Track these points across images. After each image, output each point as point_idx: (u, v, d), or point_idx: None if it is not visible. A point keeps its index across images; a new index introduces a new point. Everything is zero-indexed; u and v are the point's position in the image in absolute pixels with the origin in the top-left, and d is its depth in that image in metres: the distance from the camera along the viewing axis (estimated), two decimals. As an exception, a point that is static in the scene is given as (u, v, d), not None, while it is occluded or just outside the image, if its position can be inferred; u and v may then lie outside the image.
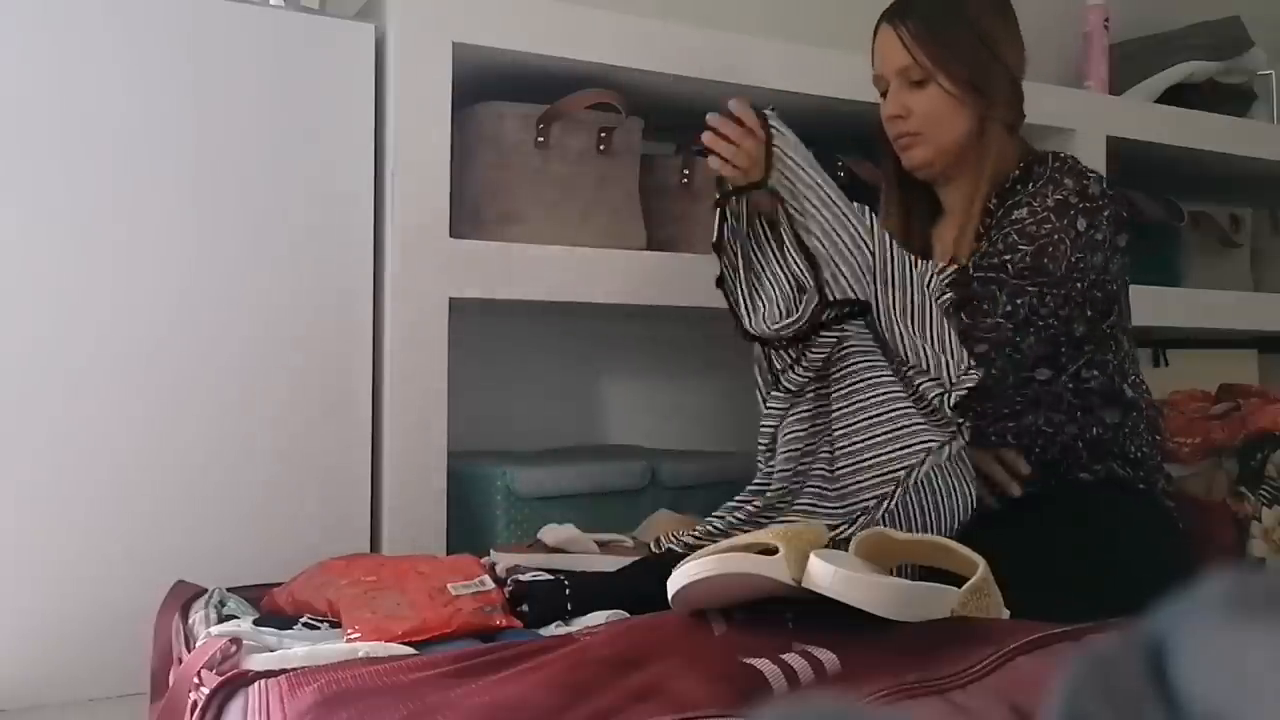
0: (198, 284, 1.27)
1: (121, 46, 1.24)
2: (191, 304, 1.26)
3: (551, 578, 1.10)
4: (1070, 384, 1.34)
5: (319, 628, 1.03)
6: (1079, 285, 1.28)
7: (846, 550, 1.02)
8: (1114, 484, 1.32)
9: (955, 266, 1.33)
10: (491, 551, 1.24)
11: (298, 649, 0.92)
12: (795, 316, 1.21)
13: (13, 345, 1.18)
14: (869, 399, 1.18)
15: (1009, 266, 1.26)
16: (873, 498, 1.15)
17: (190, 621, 1.05)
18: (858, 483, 1.17)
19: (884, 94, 1.39)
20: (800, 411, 1.24)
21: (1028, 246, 1.27)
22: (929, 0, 1.36)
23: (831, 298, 1.19)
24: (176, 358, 1.25)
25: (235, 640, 0.91)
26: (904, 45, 1.34)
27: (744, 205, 1.31)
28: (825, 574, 0.89)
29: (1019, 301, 1.25)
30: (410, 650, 0.93)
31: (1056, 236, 1.27)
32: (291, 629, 1.01)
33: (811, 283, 1.20)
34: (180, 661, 0.97)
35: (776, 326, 1.22)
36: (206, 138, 1.28)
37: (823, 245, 1.19)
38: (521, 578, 1.10)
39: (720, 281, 1.33)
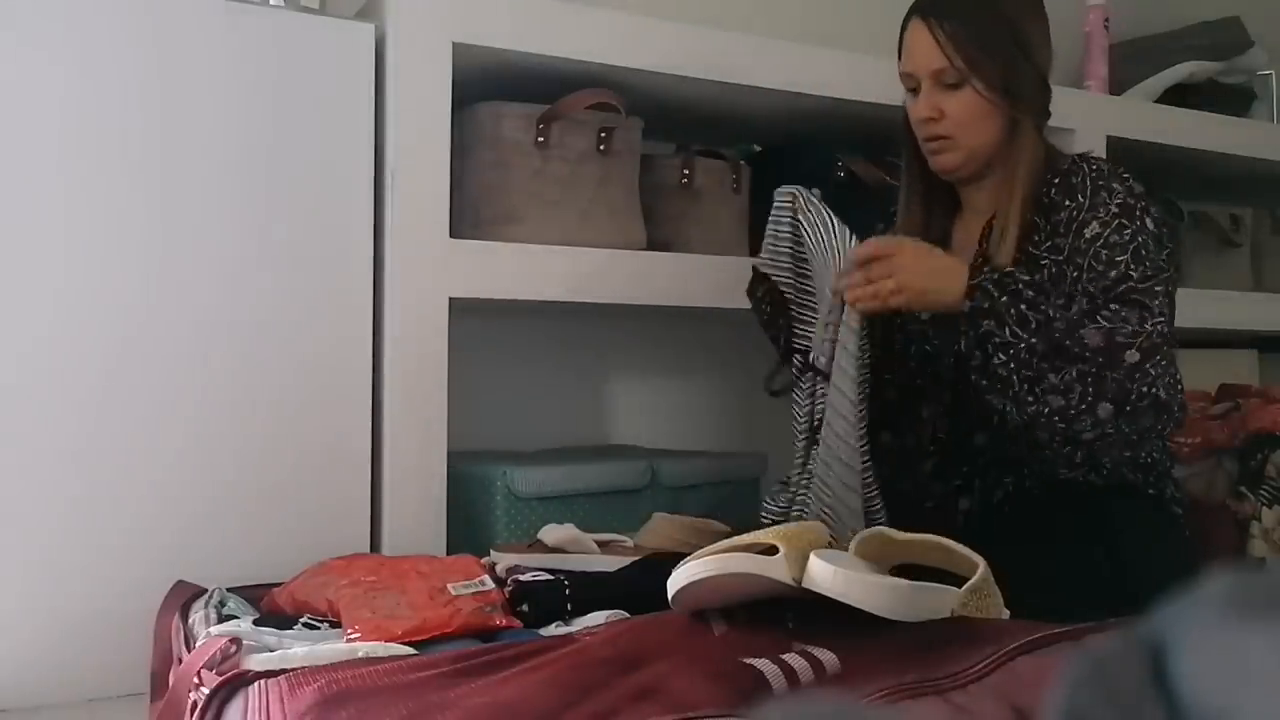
0: (197, 283, 1.27)
1: (121, 46, 1.24)
2: (191, 303, 1.26)
3: (551, 578, 1.10)
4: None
5: (319, 628, 1.03)
6: (1172, 285, 1.27)
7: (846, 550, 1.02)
8: (1123, 488, 1.31)
9: (985, 265, 1.32)
10: (491, 551, 1.25)
11: (298, 649, 0.92)
12: None
13: (12, 345, 1.18)
14: None
15: (1128, 280, 1.21)
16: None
17: (190, 621, 1.05)
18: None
19: (912, 90, 1.35)
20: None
21: (1124, 256, 1.23)
22: (965, 1, 1.32)
23: None
24: (176, 357, 1.25)
25: (235, 640, 0.91)
26: (939, 46, 1.30)
27: None
28: (825, 574, 0.89)
29: (1158, 302, 1.21)
30: (410, 650, 0.93)
31: (1140, 239, 1.24)
32: (291, 629, 1.01)
33: None
34: (180, 661, 0.97)
35: None
36: (206, 138, 1.28)
37: None
38: (521, 578, 1.10)
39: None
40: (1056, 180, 1.32)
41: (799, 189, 1.37)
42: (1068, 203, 1.29)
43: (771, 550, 0.92)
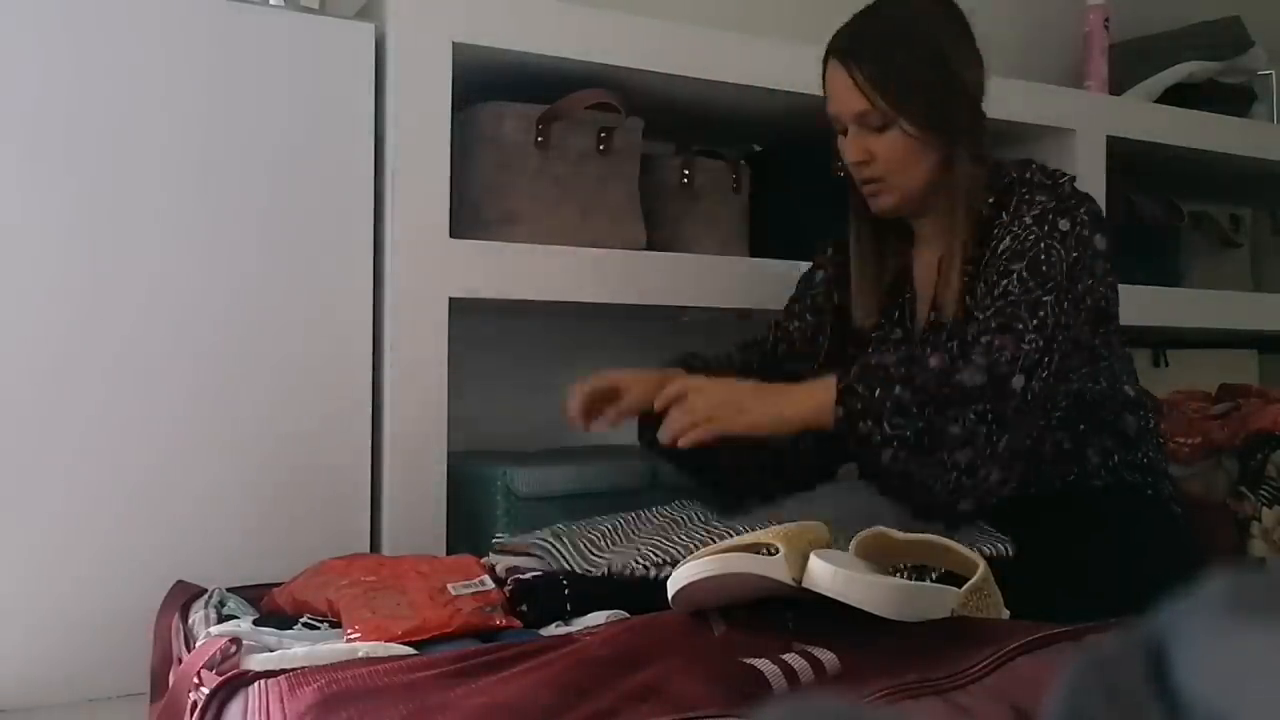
0: (197, 284, 1.27)
1: (120, 46, 1.24)
2: (191, 304, 1.26)
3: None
4: (1079, 397, 1.30)
5: (319, 628, 1.03)
6: (1081, 285, 1.23)
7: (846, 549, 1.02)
8: (1123, 490, 1.31)
9: (935, 317, 1.28)
10: (491, 552, 1.24)
11: (298, 649, 0.92)
12: None
13: (13, 346, 1.18)
14: None
15: (1008, 296, 1.18)
16: None
17: (190, 621, 1.05)
18: None
19: (842, 131, 1.32)
20: None
21: (1019, 264, 1.20)
22: (879, 33, 1.25)
23: None
24: (176, 359, 1.25)
25: (235, 640, 0.91)
26: (859, 89, 1.24)
27: None
28: (825, 574, 0.89)
29: (1041, 315, 1.16)
30: (410, 650, 0.93)
31: (1044, 244, 1.21)
32: (291, 629, 1.01)
33: None
34: (180, 661, 0.97)
35: None
36: (206, 138, 1.28)
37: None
38: (522, 577, 1.10)
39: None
40: (993, 200, 1.29)
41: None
42: (998, 220, 1.27)
43: (772, 550, 0.92)
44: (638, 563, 1.10)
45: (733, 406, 1.15)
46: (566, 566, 1.12)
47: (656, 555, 1.11)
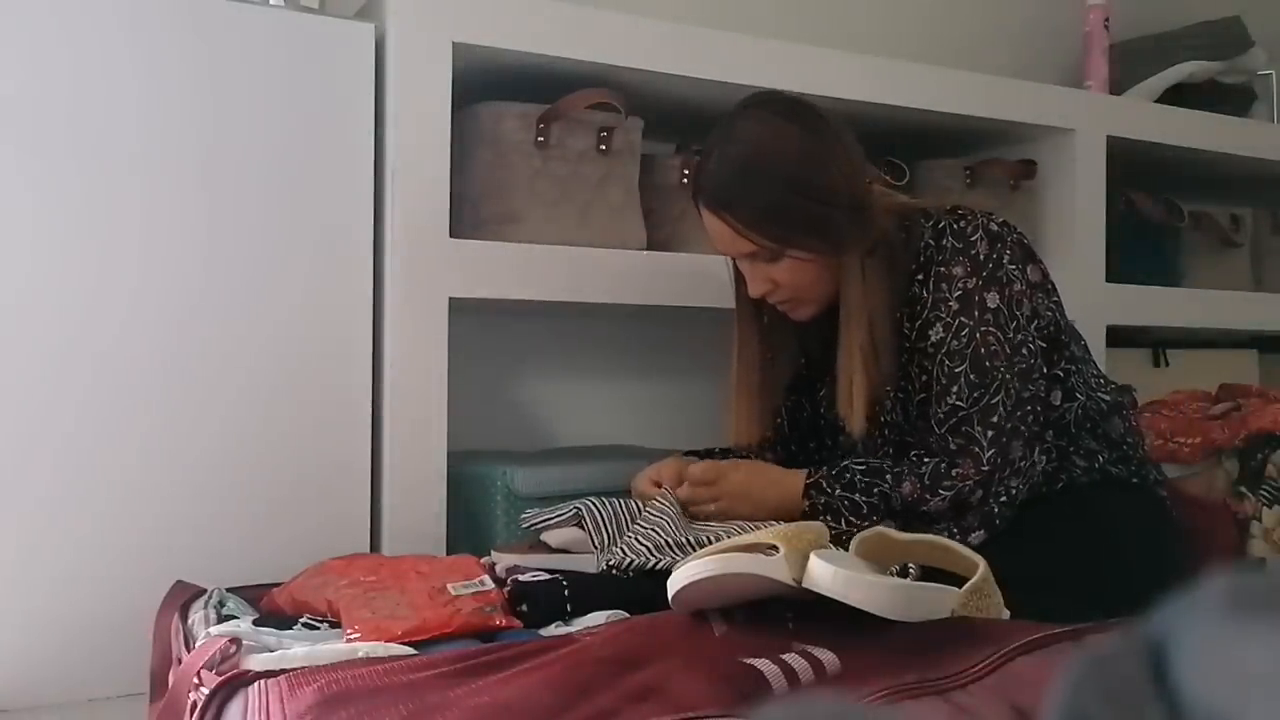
0: (197, 285, 1.27)
1: (120, 46, 1.24)
2: (190, 304, 1.26)
3: (550, 577, 1.10)
4: (1060, 424, 1.31)
5: (318, 628, 1.03)
6: (1026, 349, 1.24)
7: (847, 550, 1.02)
8: (1109, 482, 1.32)
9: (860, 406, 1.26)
10: (491, 551, 1.25)
11: (297, 649, 0.92)
12: None
13: (12, 345, 1.18)
14: None
15: (960, 403, 1.22)
16: None
17: (190, 622, 1.05)
18: None
19: (734, 259, 1.32)
20: None
21: (961, 365, 1.22)
22: (739, 172, 1.23)
23: None
24: (176, 358, 1.25)
25: (235, 640, 0.91)
26: (740, 235, 1.23)
27: None
28: (826, 574, 0.89)
29: (994, 420, 1.21)
30: (410, 650, 0.93)
31: (980, 334, 1.22)
32: (291, 629, 1.01)
33: None
34: (180, 662, 0.97)
35: None
36: (206, 138, 1.28)
37: None
38: (521, 578, 1.10)
39: None
40: (919, 275, 1.27)
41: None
42: (920, 299, 1.26)
43: (772, 550, 0.93)
44: (651, 554, 1.13)
45: (747, 508, 1.28)
46: (603, 534, 1.22)
47: (657, 539, 1.17)
